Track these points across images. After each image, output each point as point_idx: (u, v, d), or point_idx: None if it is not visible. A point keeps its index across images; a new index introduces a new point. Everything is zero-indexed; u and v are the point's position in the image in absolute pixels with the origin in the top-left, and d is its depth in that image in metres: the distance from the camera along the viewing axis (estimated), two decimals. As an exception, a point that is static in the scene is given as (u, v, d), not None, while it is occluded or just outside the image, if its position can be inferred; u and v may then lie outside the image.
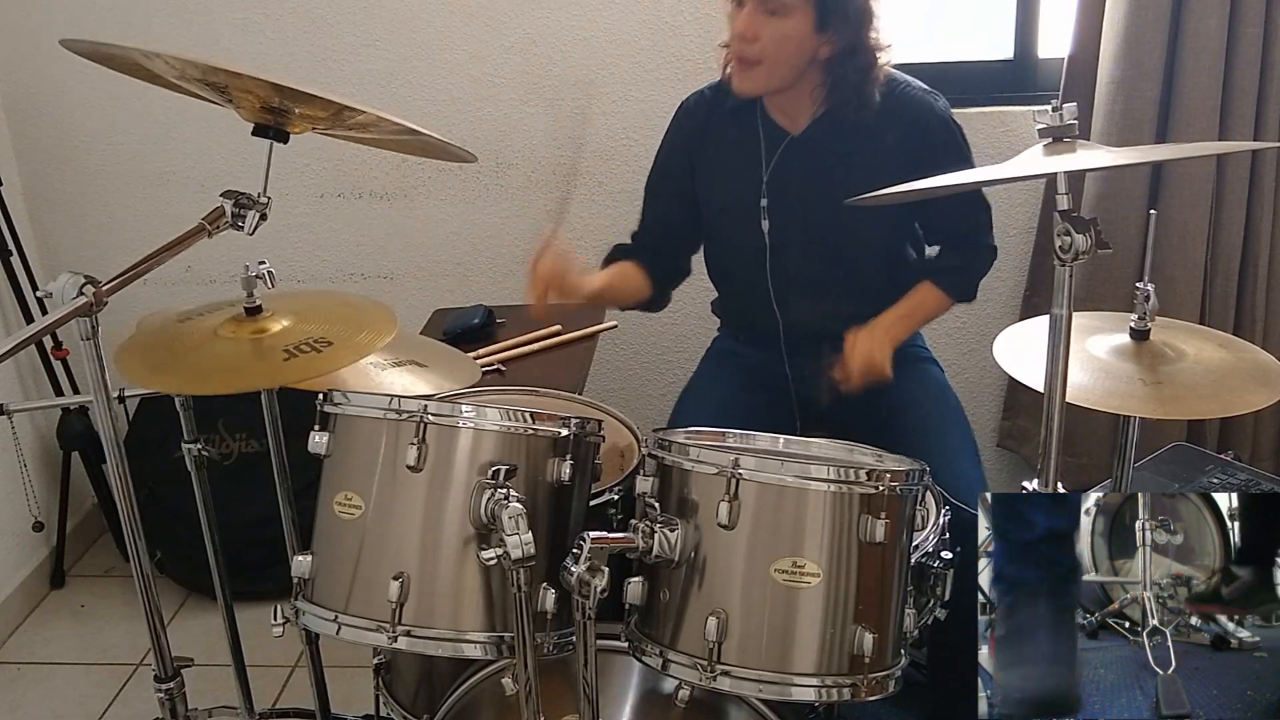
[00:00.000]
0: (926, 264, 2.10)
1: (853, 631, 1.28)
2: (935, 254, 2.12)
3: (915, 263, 2.11)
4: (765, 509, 1.28)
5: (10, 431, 2.72)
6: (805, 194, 1.98)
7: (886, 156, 1.94)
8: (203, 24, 2.72)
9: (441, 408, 1.36)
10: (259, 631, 1.66)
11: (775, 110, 2.00)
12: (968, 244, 2.08)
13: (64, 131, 2.85)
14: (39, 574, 2.89)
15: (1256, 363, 1.60)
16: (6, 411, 2.04)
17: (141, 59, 1.35)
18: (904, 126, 1.95)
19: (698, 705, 1.51)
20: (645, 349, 2.93)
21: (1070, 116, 1.32)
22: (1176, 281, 2.52)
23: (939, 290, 2.05)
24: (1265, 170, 2.48)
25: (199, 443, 1.88)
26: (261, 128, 1.45)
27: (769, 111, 2.00)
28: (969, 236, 2.07)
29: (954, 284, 2.07)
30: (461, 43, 2.71)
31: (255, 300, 1.55)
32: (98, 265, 1.37)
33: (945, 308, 2.09)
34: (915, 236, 2.11)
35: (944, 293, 2.06)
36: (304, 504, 1.58)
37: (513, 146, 2.78)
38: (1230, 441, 2.65)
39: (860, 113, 1.92)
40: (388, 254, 2.91)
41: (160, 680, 1.57)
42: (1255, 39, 2.38)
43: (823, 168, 1.96)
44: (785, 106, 1.99)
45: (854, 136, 1.95)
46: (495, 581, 1.34)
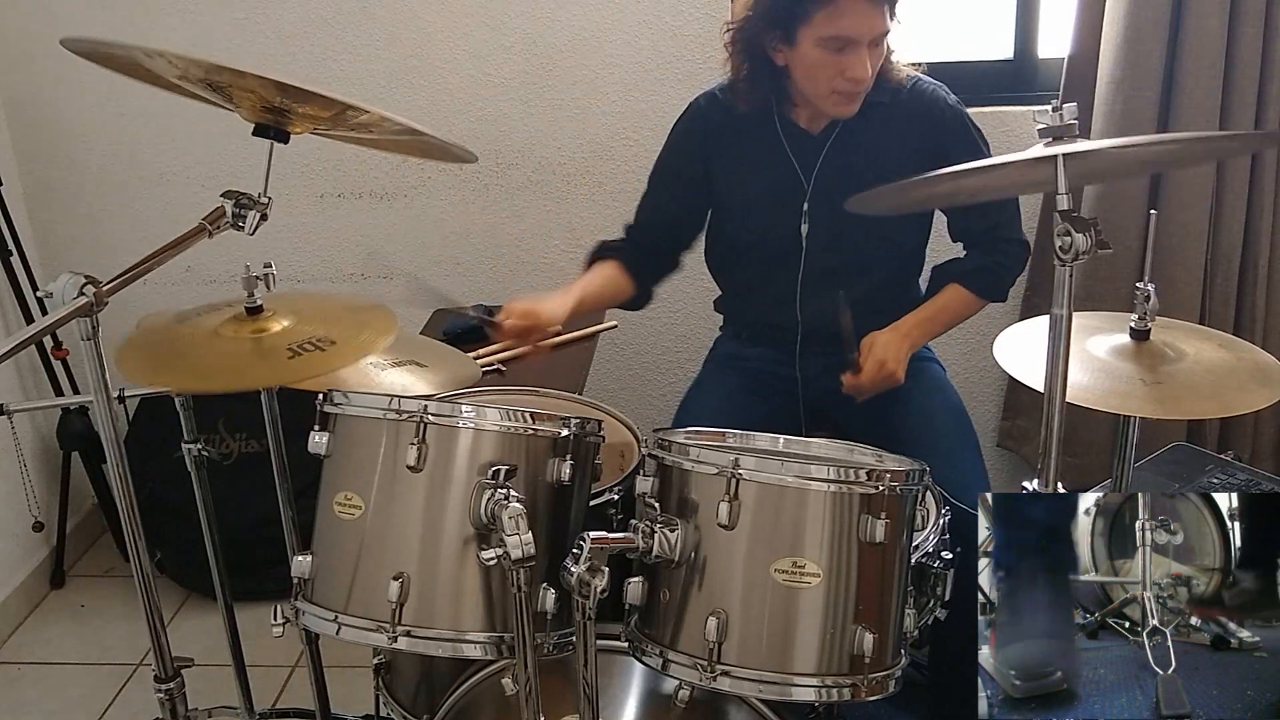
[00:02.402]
0: (953, 265, 2.09)
1: (853, 631, 1.28)
2: (962, 254, 2.10)
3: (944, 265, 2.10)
4: (765, 509, 1.28)
5: (10, 431, 2.72)
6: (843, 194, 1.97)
7: (909, 150, 1.94)
8: (203, 24, 2.72)
9: (441, 408, 1.36)
10: (259, 631, 1.66)
11: (793, 110, 2.00)
12: (993, 240, 2.05)
13: (64, 131, 2.85)
14: (39, 574, 2.89)
15: (1256, 363, 1.60)
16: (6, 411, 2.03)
17: (142, 58, 1.35)
18: (921, 119, 1.96)
19: (698, 705, 1.51)
20: (645, 349, 2.93)
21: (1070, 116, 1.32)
22: (1176, 281, 2.52)
23: (967, 291, 2.04)
24: (1265, 170, 2.48)
25: (199, 443, 1.88)
26: (262, 128, 1.45)
27: (786, 111, 2.00)
28: (994, 232, 2.05)
29: (983, 284, 2.05)
30: (461, 43, 2.71)
31: (256, 300, 1.55)
32: (98, 265, 1.37)
33: (974, 309, 2.07)
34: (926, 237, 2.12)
35: (972, 294, 2.04)
36: (304, 504, 1.58)
37: (513, 146, 2.78)
38: (1230, 441, 2.65)
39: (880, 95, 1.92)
40: (388, 254, 2.91)
41: (160, 680, 1.57)
42: (1255, 39, 2.38)
43: (855, 165, 1.95)
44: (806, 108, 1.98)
45: (876, 130, 1.95)
46: (495, 581, 1.34)
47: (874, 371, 1.90)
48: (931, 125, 1.97)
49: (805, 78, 1.89)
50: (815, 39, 1.82)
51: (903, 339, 1.95)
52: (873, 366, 1.90)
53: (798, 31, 1.83)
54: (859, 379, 1.92)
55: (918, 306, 2.04)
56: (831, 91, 1.87)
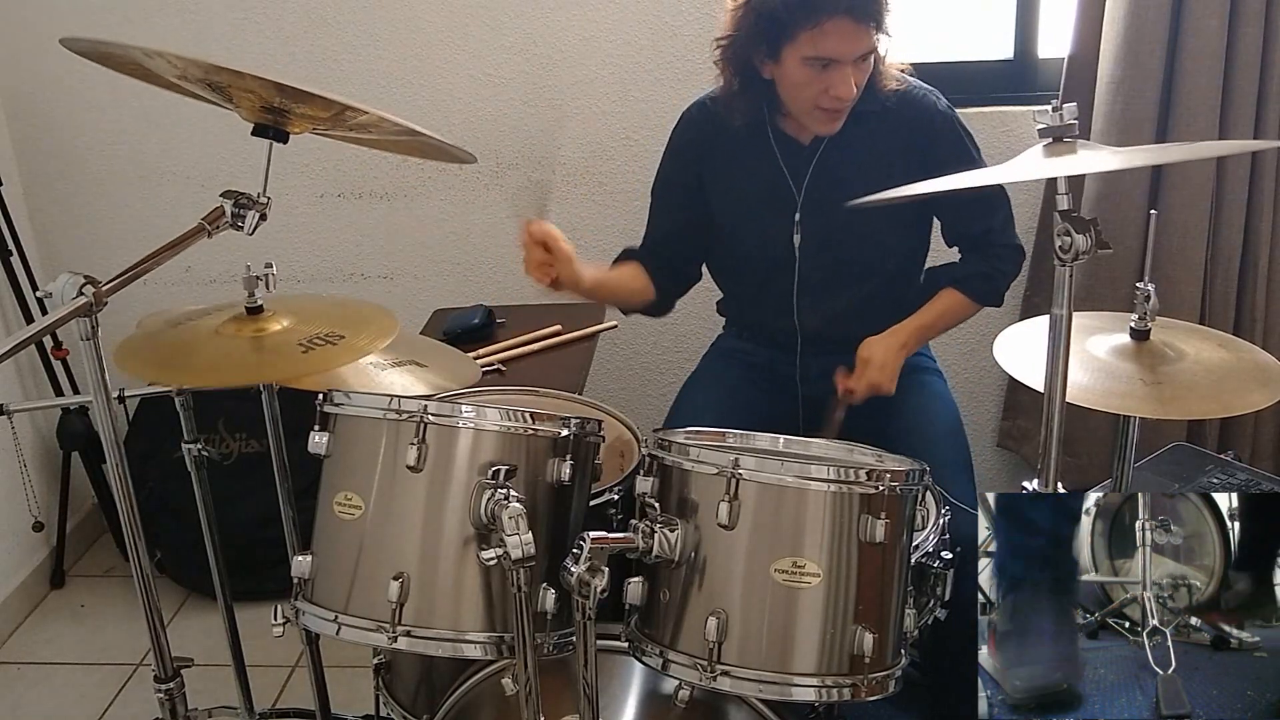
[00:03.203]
0: (948, 270, 2.09)
1: (853, 631, 1.28)
2: (957, 259, 2.11)
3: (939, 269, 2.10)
4: (765, 509, 1.28)
5: (10, 431, 2.72)
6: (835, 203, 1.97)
7: (898, 156, 1.94)
8: (202, 24, 2.72)
9: (441, 408, 1.36)
10: (259, 631, 1.66)
11: (784, 121, 1.99)
12: (988, 245, 2.06)
13: (64, 131, 2.85)
14: (39, 574, 2.89)
15: (1256, 363, 1.60)
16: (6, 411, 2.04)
17: (142, 58, 1.35)
18: (910, 124, 1.96)
19: (698, 705, 1.51)
20: (645, 349, 2.93)
21: (1070, 116, 1.32)
22: (1176, 281, 2.52)
23: (963, 296, 2.04)
24: (1265, 170, 2.48)
25: (199, 443, 1.88)
26: (261, 128, 1.45)
27: (778, 122, 2.00)
28: (989, 237, 2.06)
29: (979, 289, 2.06)
30: (461, 43, 2.71)
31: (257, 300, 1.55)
32: (98, 265, 1.37)
33: (970, 313, 2.07)
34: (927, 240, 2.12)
35: (968, 298, 2.05)
36: (304, 504, 1.58)
37: (513, 146, 2.78)
38: (1230, 441, 2.65)
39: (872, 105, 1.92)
40: (388, 254, 2.91)
41: (160, 680, 1.57)
42: (1255, 39, 2.38)
43: (845, 176, 1.95)
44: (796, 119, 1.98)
45: (867, 139, 1.95)
46: (495, 581, 1.34)
47: (866, 379, 1.92)
48: (922, 132, 1.96)
49: (790, 94, 1.89)
50: (800, 58, 1.81)
51: (899, 348, 1.96)
52: (865, 374, 1.92)
53: (782, 50, 1.83)
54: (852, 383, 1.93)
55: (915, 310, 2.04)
56: (815, 108, 1.87)
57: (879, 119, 1.94)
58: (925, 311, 2.03)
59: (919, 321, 2.01)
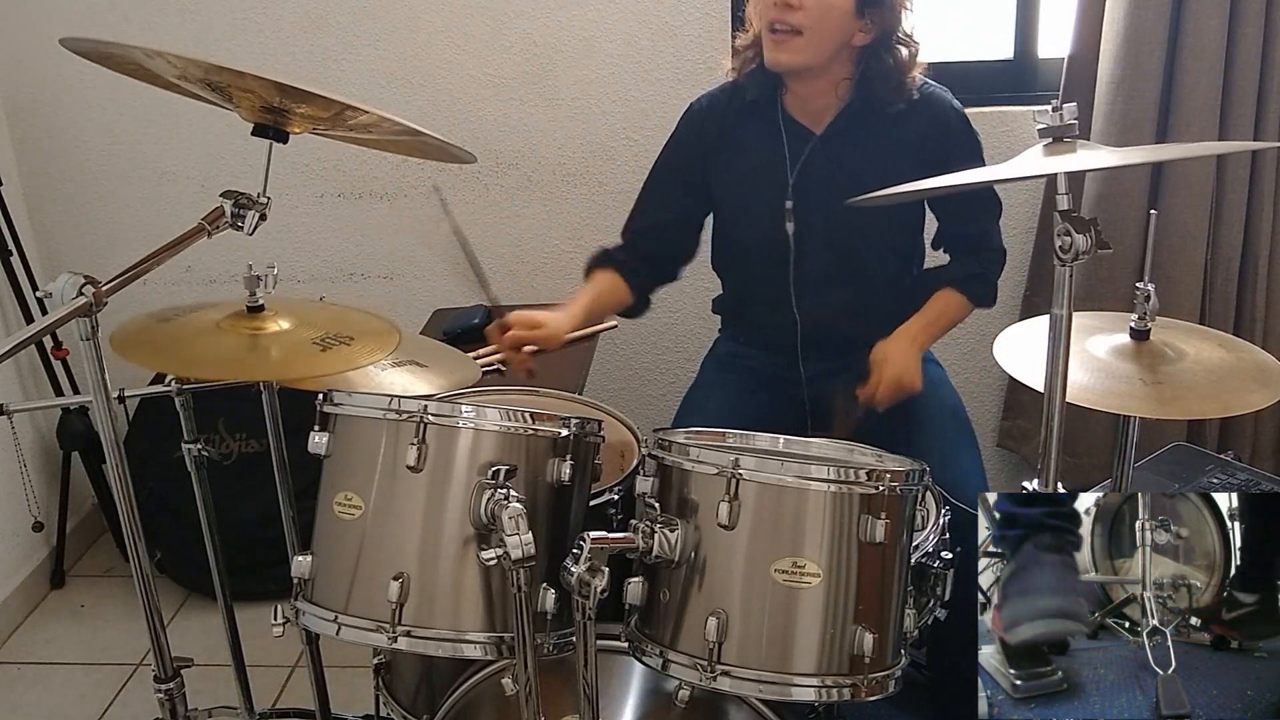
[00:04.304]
0: (943, 271, 2.09)
1: (853, 631, 1.28)
2: (947, 260, 2.10)
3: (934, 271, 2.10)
4: (765, 509, 1.28)
5: (10, 431, 2.72)
6: (832, 194, 1.94)
7: (910, 153, 1.94)
8: (202, 23, 2.72)
9: (441, 408, 1.36)
10: (259, 631, 1.66)
11: (797, 108, 1.98)
12: (983, 247, 2.07)
13: (64, 131, 2.85)
14: (39, 574, 2.89)
15: (1256, 363, 1.60)
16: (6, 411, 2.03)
17: (142, 58, 1.35)
18: (926, 123, 1.96)
19: (698, 705, 1.51)
20: (645, 349, 2.93)
21: (1070, 116, 1.32)
22: (1176, 281, 2.52)
23: (961, 296, 2.04)
24: (1265, 170, 2.48)
25: (199, 443, 1.88)
26: (261, 128, 1.45)
27: (789, 110, 1.99)
28: (984, 238, 2.07)
29: (977, 290, 2.06)
30: (461, 43, 2.71)
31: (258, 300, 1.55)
32: (98, 265, 1.37)
33: (965, 315, 2.07)
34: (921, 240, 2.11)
35: (967, 299, 2.05)
36: (304, 504, 1.58)
37: (513, 146, 2.78)
38: (1230, 441, 2.65)
39: (891, 106, 1.92)
40: (388, 254, 2.91)
41: (160, 680, 1.57)
42: (1255, 39, 2.38)
43: (848, 167, 1.95)
44: (809, 102, 1.97)
45: (879, 133, 1.95)
46: (495, 582, 1.34)
47: (891, 383, 1.90)
48: (939, 130, 1.96)
49: (754, 12, 1.90)
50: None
51: (912, 345, 1.95)
52: (889, 378, 1.89)
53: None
54: (874, 390, 1.90)
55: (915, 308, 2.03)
56: (768, 25, 1.87)
57: (898, 116, 1.94)
58: (929, 310, 2.02)
59: (926, 320, 2.00)
